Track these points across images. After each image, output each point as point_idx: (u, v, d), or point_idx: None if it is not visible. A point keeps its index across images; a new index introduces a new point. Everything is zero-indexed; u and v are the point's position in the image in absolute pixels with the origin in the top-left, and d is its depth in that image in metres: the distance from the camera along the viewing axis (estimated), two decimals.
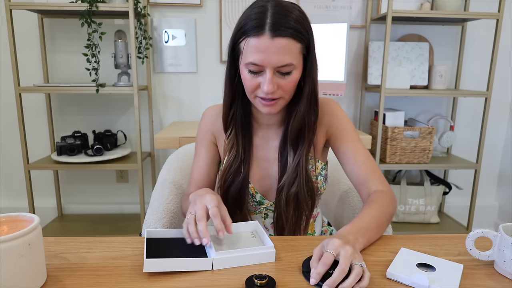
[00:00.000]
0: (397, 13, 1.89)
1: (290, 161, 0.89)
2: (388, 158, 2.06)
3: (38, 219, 0.59)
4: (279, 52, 0.75)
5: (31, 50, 2.13)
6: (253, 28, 0.75)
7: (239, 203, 0.93)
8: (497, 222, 2.51)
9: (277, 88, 0.80)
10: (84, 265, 0.66)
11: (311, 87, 0.84)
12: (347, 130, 0.92)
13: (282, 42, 0.75)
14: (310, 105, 0.86)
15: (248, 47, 0.77)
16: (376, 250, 0.73)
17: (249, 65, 0.78)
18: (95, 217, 2.28)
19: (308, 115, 0.86)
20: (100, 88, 1.86)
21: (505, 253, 0.63)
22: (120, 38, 1.98)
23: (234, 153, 0.92)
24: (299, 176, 0.88)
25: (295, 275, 0.63)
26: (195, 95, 2.25)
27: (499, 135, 2.42)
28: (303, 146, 0.88)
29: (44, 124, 2.22)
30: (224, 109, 0.91)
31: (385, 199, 0.83)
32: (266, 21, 0.75)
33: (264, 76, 0.78)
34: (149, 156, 2.25)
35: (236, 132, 0.91)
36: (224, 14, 2.13)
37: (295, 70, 0.80)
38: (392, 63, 2.14)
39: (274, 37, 0.74)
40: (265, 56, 0.75)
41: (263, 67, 0.77)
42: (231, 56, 0.84)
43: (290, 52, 0.76)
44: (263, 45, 0.75)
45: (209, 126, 0.98)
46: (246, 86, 0.82)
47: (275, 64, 0.76)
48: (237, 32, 0.79)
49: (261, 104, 0.83)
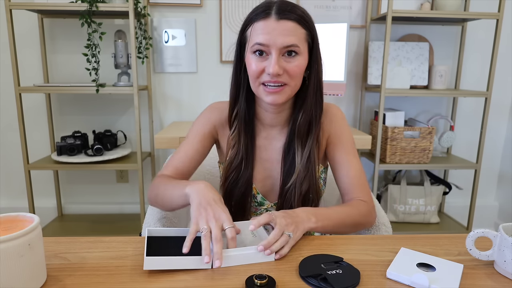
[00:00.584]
0: (397, 13, 1.89)
1: (298, 161, 0.89)
2: (388, 158, 2.06)
3: (38, 219, 0.59)
4: (284, 33, 0.78)
5: (31, 50, 2.13)
6: (260, 13, 0.79)
7: (242, 205, 0.93)
8: (497, 222, 2.51)
9: (283, 72, 0.80)
10: (84, 265, 0.66)
11: (316, 78, 0.85)
12: (346, 141, 0.93)
13: (288, 24, 0.78)
14: (316, 97, 0.87)
15: (254, 30, 0.80)
16: (376, 250, 0.73)
17: (255, 45, 0.79)
18: (95, 217, 2.28)
19: (315, 108, 0.87)
20: (100, 88, 1.86)
21: (505, 253, 0.63)
22: (120, 38, 1.98)
23: (235, 151, 0.91)
24: (310, 172, 0.88)
25: (295, 275, 0.63)
26: (195, 95, 2.25)
27: (499, 135, 2.42)
28: (312, 141, 0.89)
29: (44, 124, 2.22)
30: (230, 104, 0.91)
31: (360, 207, 0.86)
32: (272, 7, 0.79)
33: (269, 59, 0.79)
34: (149, 156, 2.25)
35: (239, 130, 0.91)
36: (224, 14, 2.13)
37: (301, 56, 0.81)
38: (392, 63, 2.14)
39: (280, 19, 0.78)
40: (271, 36, 0.78)
41: (268, 47, 0.78)
42: (238, 50, 0.86)
43: (295, 34, 0.79)
44: (269, 26, 0.78)
45: (214, 119, 0.96)
46: (251, 72, 0.82)
47: (280, 44, 0.78)
48: (244, 23, 0.83)
49: (265, 92, 0.82)
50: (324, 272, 0.61)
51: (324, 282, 0.59)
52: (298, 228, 0.73)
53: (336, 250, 0.73)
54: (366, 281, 0.62)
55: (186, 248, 0.65)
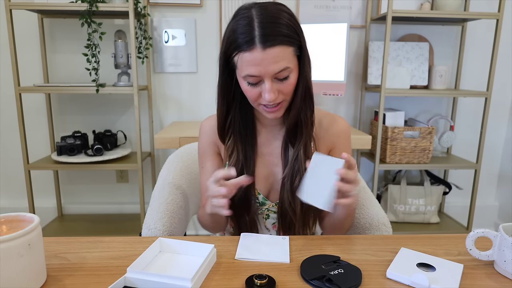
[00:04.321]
0: (397, 13, 1.89)
1: (290, 157, 0.90)
2: (388, 158, 2.06)
3: (38, 219, 0.59)
4: (273, 61, 0.75)
5: (31, 50, 2.13)
6: (244, 43, 0.75)
7: (246, 204, 0.93)
8: (497, 222, 2.51)
9: (278, 94, 0.80)
10: (84, 265, 0.66)
11: (304, 83, 0.84)
12: None
13: (275, 51, 0.75)
14: (304, 101, 0.86)
15: (243, 62, 0.77)
16: (376, 250, 0.73)
17: (247, 77, 0.78)
18: (95, 217, 2.28)
19: (304, 111, 0.87)
20: (100, 88, 1.86)
21: (505, 253, 0.63)
22: (120, 38, 1.98)
23: (234, 159, 0.92)
24: (300, 171, 0.88)
25: (295, 275, 0.63)
26: (195, 95, 2.25)
27: (499, 135, 2.42)
28: (301, 141, 0.89)
29: (44, 124, 2.22)
30: (218, 120, 0.90)
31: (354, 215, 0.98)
32: (255, 33, 0.74)
33: (263, 85, 0.79)
34: (149, 156, 2.25)
35: (235, 138, 0.92)
36: (224, 14, 2.13)
37: (292, 73, 0.80)
38: (392, 63, 2.14)
39: (266, 48, 0.74)
40: (260, 67, 0.76)
41: (260, 77, 0.78)
42: (225, 68, 0.83)
43: (284, 58, 0.76)
44: (256, 58, 0.75)
45: (210, 137, 0.97)
46: (248, 97, 0.83)
47: (272, 72, 0.77)
48: (229, 47, 0.79)
49: (265, 111, 0.84)
50: (327, 273, 0.62)
51: (329, 283, 0.60)
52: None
53: (336, 250, 0.73)
54: (366, 281, 0.62)
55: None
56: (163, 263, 0.68)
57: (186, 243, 0.71)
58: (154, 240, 0.71)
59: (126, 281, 0.60)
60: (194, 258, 0.69)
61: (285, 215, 0.91)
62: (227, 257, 0.70)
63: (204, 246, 0.69)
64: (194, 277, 0.58)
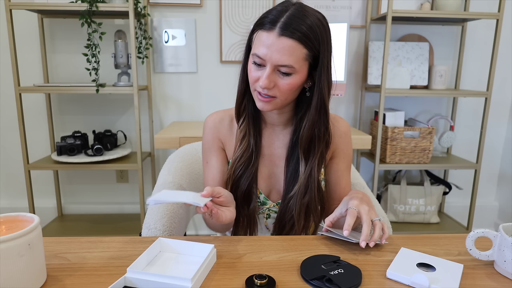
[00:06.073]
0: (397, 13, 1.89)
1: (301, 171, 0.90)
2: (388, 158, 2.06)
3: (38, 219, 0.59)
4: (281, 52, 0.77)
5: (31, 50, 2.13)
6: (267, 23, 0.78)
7: (248, 198, 0.93)
8: (497, 222, 2.51)
9: (273, 86, 0.81)
10: (84, 265, 0.66)
11: (320, 98, 0.84)
12: (349, 157, 0.99)
13: (288, 42, 0.76)
14: (319, 117, 0.86)
15: (257, 39, 0.80)
16: (376, 250, 0.73)
17: (254, 56, 0.80)
18: (95, 217, 2.28)
19: (318, 126, 0.87)
20: (100, 88, 1.86)
21: (505, 253, 0.63)
22: (120, 38, 1.98)
23: (246, 144, 0.92)
24: (311, 187, 0.89)
25: (295, 275, 0.63)
26: (195, 95, 2.25)
27: (499, 135, 2.42)
28: (315, 157, 0.89)
29: (44, 124, 2.22)
30: (237, 97, 0.92)
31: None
32: (280, 19, 0.77)
33: (264, 71, 0.80)
34: (149, 156, 2.25)
35: (248, 122, 0.92)
36: (224, 14, 2.13)
37: (296, 75, 0.80)
38: (392, 63, 2.14)
39: (281, 36, 0.76)
40: (268, 51, 0.77)
41: (264, 61, 0.79)
42: (247, 48, 0.87)
43: (293, 54, 0.77)
44: (269, 41, 0.77)
45: (214, 132, 0.97)
46: (250, 77, 0.84)
47: (275, 61, 0.78)
48: (256, 23, 0.82)
49: (257, 98, 0.85)
50: (327, 273, 0.62)
51: (329, 283, 0.60)
52: (373, 210, 0.79)
53: (336, 250, 0.73)
54: (366, 281, 0.62)
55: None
56: (163, 263, 0.68)
57: (186, 243, 0.71)
58: (154, 240, 0.71)
59: (126, 281, 0.60)
60: (194, 258, 0.69)
61: (287, 221, 0.92)
62: (227, 257, 0.70)
63: (204, 246, 0.69)
64: (194, 277, 0.58)
